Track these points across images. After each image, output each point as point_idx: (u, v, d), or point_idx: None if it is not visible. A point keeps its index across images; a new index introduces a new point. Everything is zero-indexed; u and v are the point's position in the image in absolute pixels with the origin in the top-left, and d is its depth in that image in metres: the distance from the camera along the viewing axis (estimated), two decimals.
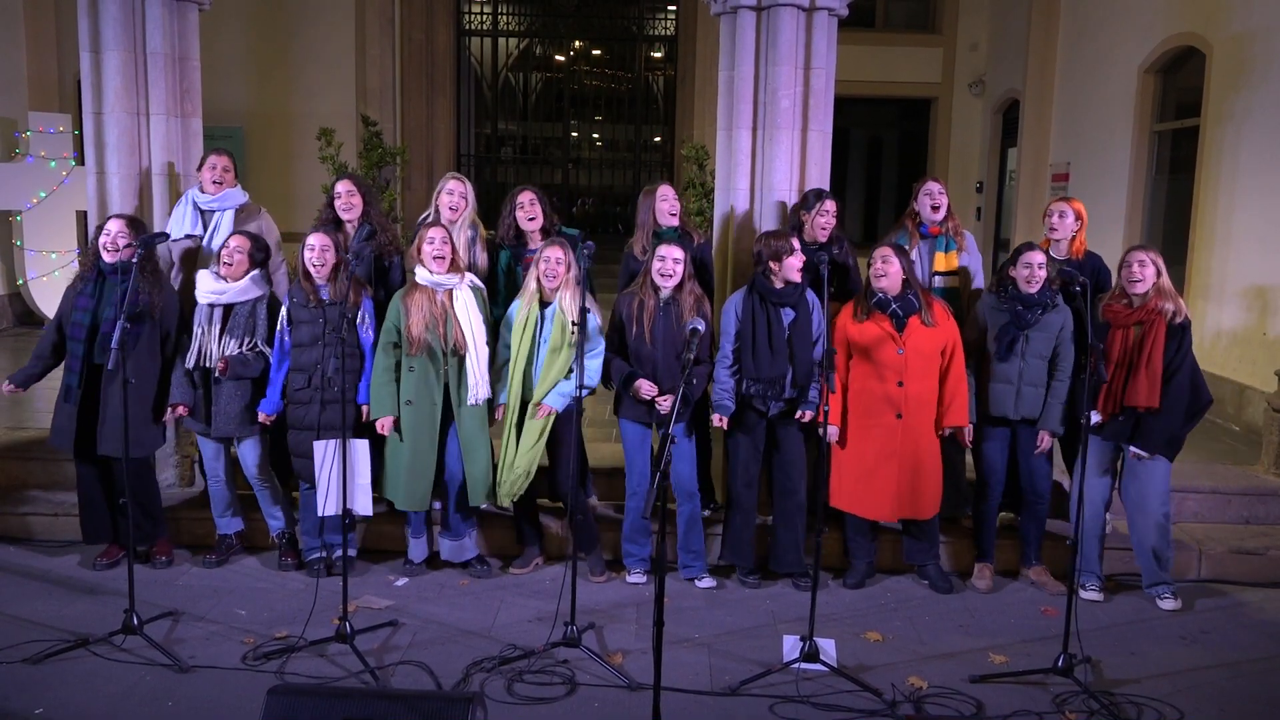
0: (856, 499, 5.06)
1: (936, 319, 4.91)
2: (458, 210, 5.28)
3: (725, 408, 5.01)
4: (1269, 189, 7.14)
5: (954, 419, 4.97)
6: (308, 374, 4.91)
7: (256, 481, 5.22)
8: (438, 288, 4.91)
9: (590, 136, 15.67)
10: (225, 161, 5.37)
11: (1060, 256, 5.26)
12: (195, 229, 5.38)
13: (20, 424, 6.47)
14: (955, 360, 4.96)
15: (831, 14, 5.43)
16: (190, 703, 3.94)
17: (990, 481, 5.19)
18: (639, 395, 4.90)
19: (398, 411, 4.92)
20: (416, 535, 5.27)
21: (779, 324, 4.95)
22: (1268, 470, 6.08)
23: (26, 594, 4.90)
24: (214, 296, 4.99)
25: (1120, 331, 4.86)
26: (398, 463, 4.99)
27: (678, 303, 4.92)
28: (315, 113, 11.42)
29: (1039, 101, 11.14)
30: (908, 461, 4.94)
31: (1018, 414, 5.02)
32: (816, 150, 5.49)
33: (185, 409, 5.04)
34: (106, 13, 5.40)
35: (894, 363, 4.88)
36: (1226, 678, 4.38)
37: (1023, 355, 4.96)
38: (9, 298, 10.56)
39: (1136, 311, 4.85)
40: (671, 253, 4.89)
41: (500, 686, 4.10)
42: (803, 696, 4.07)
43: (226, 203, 5.38)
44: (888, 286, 4.88)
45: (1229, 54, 7.69)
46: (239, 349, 4.96)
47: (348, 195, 5.23)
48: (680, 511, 5.14)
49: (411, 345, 4.87)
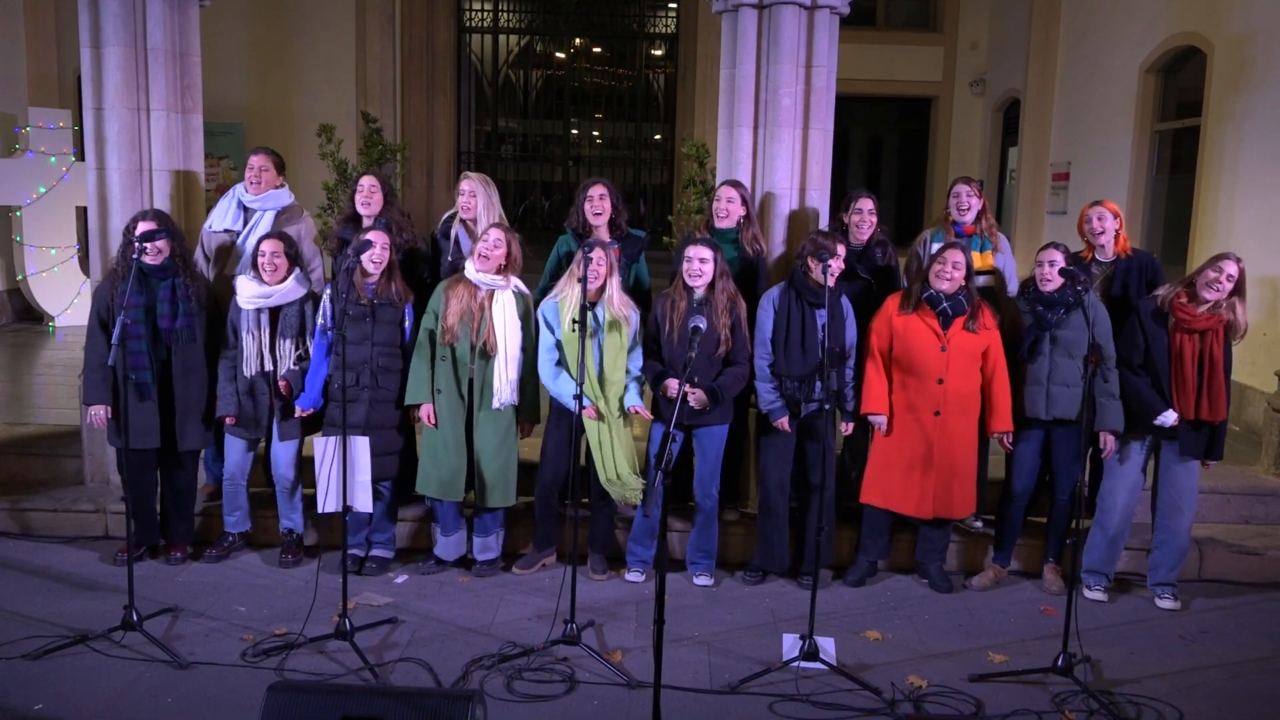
0: (890, 494, 5.05)
1: (984, 321, 4.90)
2: (469, 209, 5.29)
3: (778, 410, 4.97)
4: (1269, 189, 7.14)
5: (1002, 424, 4.93)
6: (355, 373, 4.89)
7: (286, 481, 5.21)
8: (480, 285, 4.92)
9: (591, 134, 15.66)
10: (261, 160, 5.36)
11: (1107, 260, 5.23)
12: (235, 224, 5.39)
13: (20, 419, 6.47)
14: (1000, 364, 4.93)
15: (833, 12, 5.43)
16: (190, 699, 3.94)
17: (1020, 484, 5.15)
18: (667, 394, 4.89)
19: (433, 399, 4.94)
20: (446, 533, 5.19)
21: (813, 323, 4.93)
22: (1268, 470, 6.08)
23: (26, 590, 4.89)
24: (260, 301, 4.97)
25: (1188, 338, 4.80)
26: (431, 452, 5.00)
27: (711, 302, 4.90)
28: (315, 109, 11.41)
29: (1040, 100, 11.14)
30: (944, 459, 4.93)
31: (1049, 415, 4.96)
32: (818, 149, 5.49)
33: (233, 419, 5.05)
34: (107, 8, 5.39)
35: (936, 360, 4.87)
36: (1226, 678, 4.38)
37: (1050, 355, 4.93)
38: (8, 293, 10.55)
39: (1209, 319, 4.78)
40: (698, 253, 4.87)
41: (500, 684, 4.10)
42: (802, 695, 4.07)
43: (269, 203, 5.39)
44: (948, 288, 4.86)
45: (1230, 54, 7.69)
46: (295, 349, 5.00)
47: (369, 190, 5.26)
48: (698, 511, 5.14)
49: (445, 334, 4.89)
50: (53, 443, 6.07)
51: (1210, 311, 4.79)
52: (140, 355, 4.88)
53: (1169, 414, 4.83)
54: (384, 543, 5.26)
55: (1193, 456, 4.92)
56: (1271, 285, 7.08)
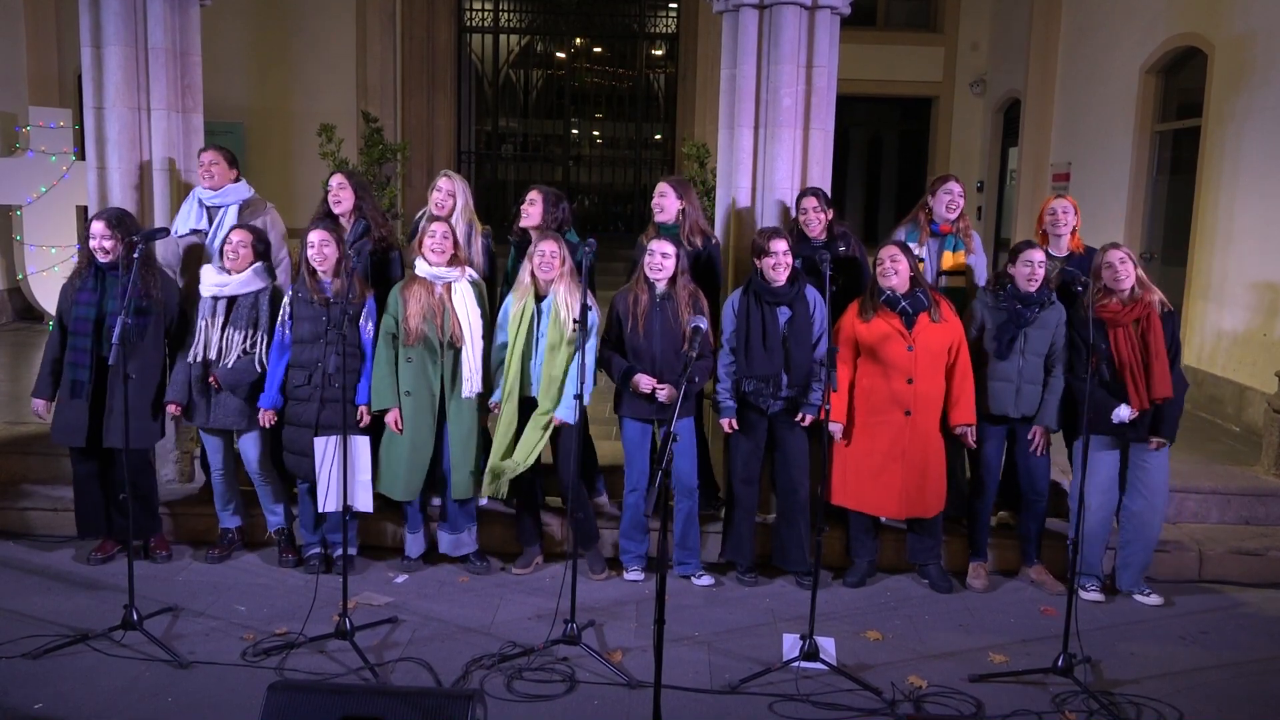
0: (862, 496, 5.06)
1: (944, 315, 4.92)
2: (444, 207, 5.30)
3: (729, 409, 5.02)
4: (1270, 190, 7.13)
5: (963, 416, 4.96)
6: (308, 371, 4.90)
7: (257, 476, 5.22)
8: (436, 280, 4.93)
9: (591, 134, 15.64)
10: (210, 156, 5.35)
11: (1060, 254, 5.26)
12: (200, 224, 5.38)
13: (19, 419, 6.46)
14: (961, 357, 4.96)
15: (834, 12, 5.43)
16: (190, 698, 3.94)
17: (987, 480, 5.19)
18: (638, 389, 4.90)
19: (399, 403, 4.93)
20: (413, 530, 5.26)
21: (774, 323, 4.95)
22: (1268, 470, 6.08)
23: (26, 589, 4.89)
24: (217, 289, 5.00)
25: (1122, 330, 4.85)
26: (395, 454, 5.00)
27: (673, 297, 4.92)
28: (316, 109, 11.41)
29: (1040, 101, 11.13)
30: (915, 459, 4.94)
31: (1018, 412, 5.02)
32: (818, 149, 5.49)
33: (178, 407, 5.05)
34: (108, 7, 5.39)
35: (903, 360, 4.88)
36: (1226, 678, 4.38)
37: (1022, 353, 4.96)
38: (9, 293, 10.55)
39: (1135, 308, 4.85)
40: (660, 248, 4.91)
41: (500, 684, 4.10)
42: (802, 695, 4.07)
43: (229, 198, 5.38)
44: (897, 284, 4.89)
45: (1230, 54, 7.69)
46: (242, 342, 4.97)
47: (337, 189, 5.25)
48: (678, 509, 5.14)
49: (409, 336, 4.89)
50: (52, 442, 6.05)
51: (1130, 300, 4.84)
52: (82, 353, 4.91)
53: (1122, 408, 4.84)
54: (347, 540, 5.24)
55: (1141, 440, 4.94)
56: (1271, 286, 7.08)
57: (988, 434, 5.10)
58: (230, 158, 5.45)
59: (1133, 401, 4.84)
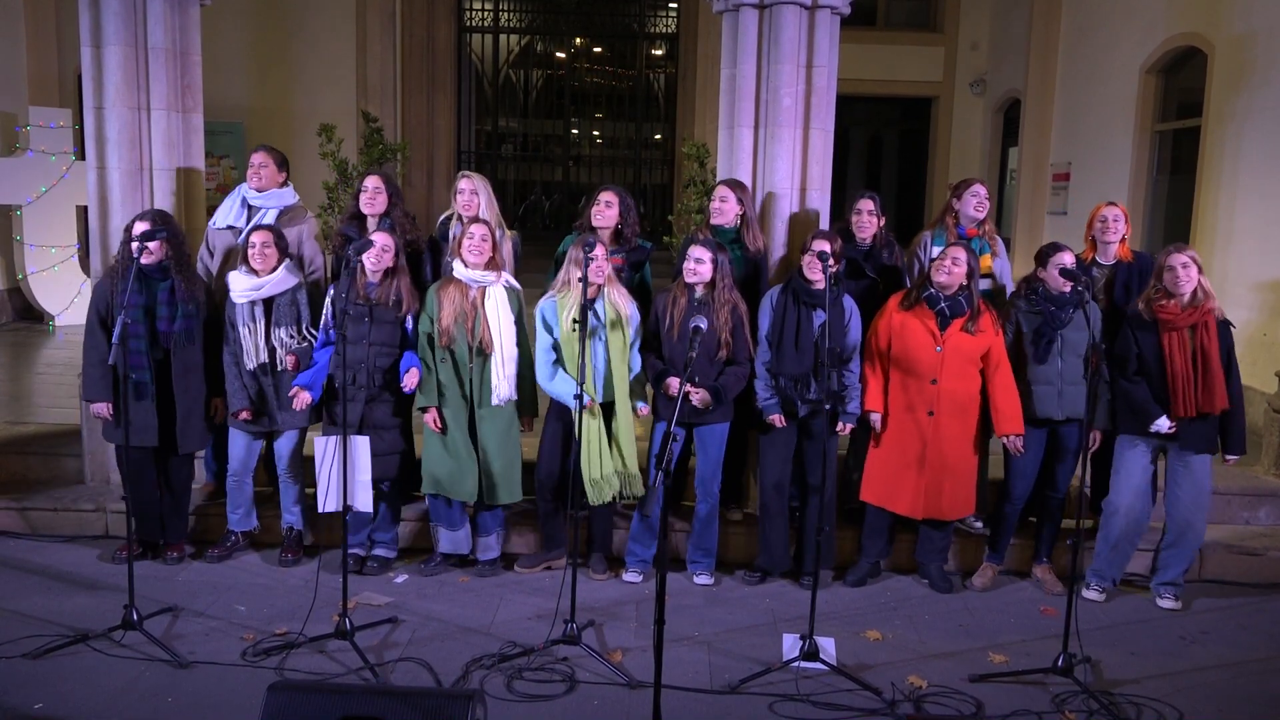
0: (885, 493, 5.07)
1: (981, 327, 4.89)
2: (471, 207, 5.27)
3: (771, 405, 4.99)
4: (1270, 190, 7.13)
5: (1009, 427, 4.90)
6: (353, 372, 4.88)
7: (287, 475, 5.22)
8: (472, 284, 4.92)
9: (591, 134, 15.65)
10: (261, 158, 5.35)
11: (1107, 261, 5.22)
12: (239, 221, 5.37)
13: (20, 418, 6.47)
14: (1002, 367, 4.92)
15: (834, 12, 5.43)
16: (190, 698, 3.94)
17: (1019, 484, 5.15)
18: (668, 392, 4.89)
19: (438, 402, 4.96)
20: (454, 527, 5.16)
21: (808, 323, 4.93)
22: (1268, 470, 6.08)
23: (26, 589, 4.89)
24: (252, 293, 4.97)
25: (1177, 335, 4.79)
26: (437, 453, 5.00)
27: (711, 303, 4.91)
28: (316, 108, 11.41)
29: (1040, 101, 11.13)
30: (935, 460, 4.93)
31: (1062, 414, 4.96)
32: (818, 149, 5.49)
33: (249, 414, 5.04)
34: (108, 7, 5.39)
35: (931, 360, 4.87)
36: (1227, 678, 4.38)
37: (1061, 355, 4.93)
38: (9, 292, 10.55)
39: (1194, 313, 4.78)
40: (696, 253, 4.90)
41: (500, 684, 4.10)
42: (802, 695, 4.07)
43: (272, 201, 5.37)
44: (946, 283, 4.86)
45: (1230, 54, 7.69)
46: (292, 338, 5.00)
47: (374, 191, 5.25)
48: (699, 509, 5.14)
49: (442, 335, 4.90)
50: (53, 442, 6.07)
51: (1190, 305, 4.79)
52: (139, 355, 4.88)
53: (1162, 420, 4.83)
54: (387, 542, 5.26)
55: (1198, 451, 4.91)
56: (1272, 286, 7.08)
57: (1029, 440, 5.02)
58: (280, 160, 5.42)
59: (1178, 409, 4.80)
